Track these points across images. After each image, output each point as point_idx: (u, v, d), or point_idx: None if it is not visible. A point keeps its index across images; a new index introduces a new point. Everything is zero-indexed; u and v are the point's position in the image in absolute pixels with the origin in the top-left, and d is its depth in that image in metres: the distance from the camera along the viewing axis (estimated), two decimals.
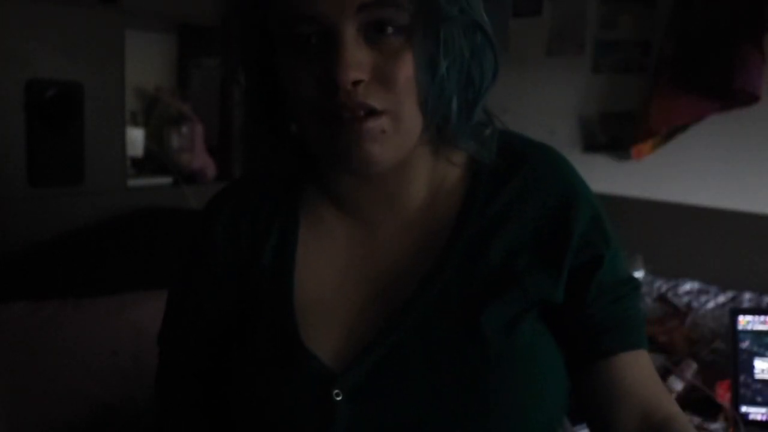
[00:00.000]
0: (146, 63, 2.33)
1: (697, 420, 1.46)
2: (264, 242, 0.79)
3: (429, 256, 0.74)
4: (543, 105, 2.92)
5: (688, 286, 2.45)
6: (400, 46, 0.66)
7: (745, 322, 1.51)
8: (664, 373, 1.54)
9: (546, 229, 0.73)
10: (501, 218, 0.74)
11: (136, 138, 2.23)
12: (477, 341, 0.70)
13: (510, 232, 0.73)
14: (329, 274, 0.76)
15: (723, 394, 1.50)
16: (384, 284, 0.75)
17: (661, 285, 2.44)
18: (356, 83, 0.64)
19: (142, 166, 2.26)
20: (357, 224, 0.77)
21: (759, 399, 1.46)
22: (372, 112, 0.66)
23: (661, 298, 2.24)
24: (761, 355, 1.48)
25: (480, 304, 0.71)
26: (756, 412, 1.46)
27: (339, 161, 0.70)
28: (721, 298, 2.34)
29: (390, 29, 0.65)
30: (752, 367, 1.48)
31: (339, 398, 0.70)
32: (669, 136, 2.68)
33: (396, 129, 0.67)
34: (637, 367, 0.74)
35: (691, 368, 1.60)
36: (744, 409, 1.47)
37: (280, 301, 0.75)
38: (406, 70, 0.66)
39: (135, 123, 2.29)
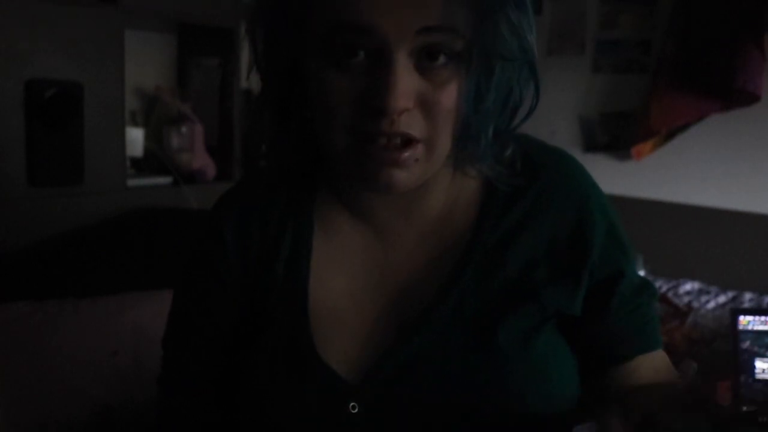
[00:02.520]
0: (146, 63, 2.33)
1: None
2: (277, 248, 0.77)
3: (445, 266, 0.73)
4: (543, 105, 2.91)
5: (688, 286, 2.45)
6: (448, 75, 0.64)
7: (745, 322, 1.51)
8: None
9: (563, 242, 0.73)
10: (517, 230, 0.73)
11: (135, 138, 2.22)
12: (493, 353, 0.69)
13: (526, 243, 0.73)
14: (343, 283, 0.75)
15: (724, 395, 1.50)
16: (399, 294, 0.74)
17: (662, 285, 2.44)
18: (401, 112, 0.63)
19: (141, 166, 2.26)
20: (372, 232, 0.76)
21: (760, 399, 1.46)
22: (409, 141, 0.64)
23: (662, 298, 2.24)
24: (762, 355, 1.48)
25: (496, 316, 0.70)
26: None
27: (364, 181, 0.68)
28: (722, 298, 2.34)
29: (442, 58, 0.63)
30: (753, 367, 1.48)
31: (355, 411, 0.69)
32: (669, 136, 2.68)
33: (428, 157, 0.66)
34: (647, 367, 0.75)
35: (692, 368, 1.59)
36: (745, 409, 1.46)
37: (295, 310, 0.74)
38: (450, 100, 0.64)
39: (135, 123, 2.29)
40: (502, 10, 0.64)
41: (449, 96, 0.64)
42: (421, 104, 0.64)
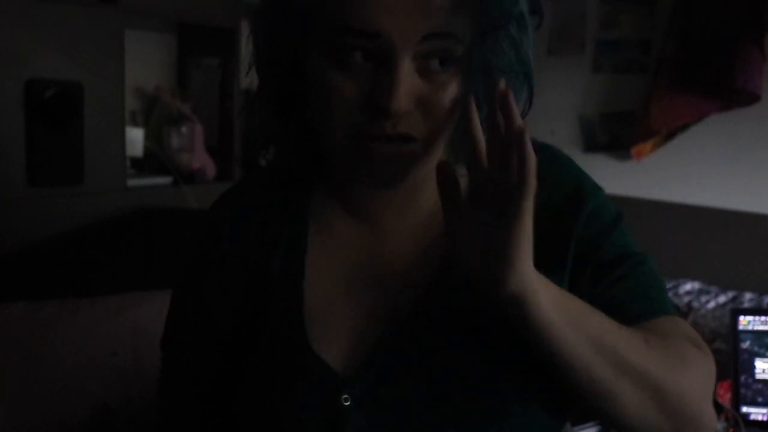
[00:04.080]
0: (146, 63, 2.33)
1: None
2: (273, 247, 0.78)
3: (436, 261, 0.74)
4: (543, 105, 2.91)
5: (688, 286, 2.45)
6: (447, 78, 0.66)
7: (745, 322, 1.52)
8: None
9: (550, 227, 0.72)
10: None
11: (135, 138, 2.22)
12: (484, 344, 0.69)
13: None
14: (338, 279, 0.76)
15: (724, 395, 1.50)
16: (392, 289, 0.74)
17: None
18: (403, 114, 0.64)
19: (141, 166, 2.26)
20: (366, 228, 0.77)
21: (760, 399, 1.46)
22: (408, 138, 0.66)
23: None
24: (762, 355, 1.48)
25: (487, 306, 0.70)
26: (757, 413, 1.46)
27: (361, 177, 0.70)
28: (722, 298, 2.34)
29: (442, 62, 0.65)
30: (753, 367, 1.48)
31: (348, 404, 0.69)
32: (669, 136, 2.68)
33: (425, 154, 0.68)
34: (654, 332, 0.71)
35: None
36: (745, 409, 1.47)
37: (290, 308, 0.75)
38: (449, 101, 0.66)
39: (135, 123, 2.29)
40: (504, 27, 0.66)
41: (448, 98, 0.66)
42: (421, 105, 0.65)
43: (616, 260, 0.73)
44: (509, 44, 0.67)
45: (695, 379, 0.70)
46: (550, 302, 0.62)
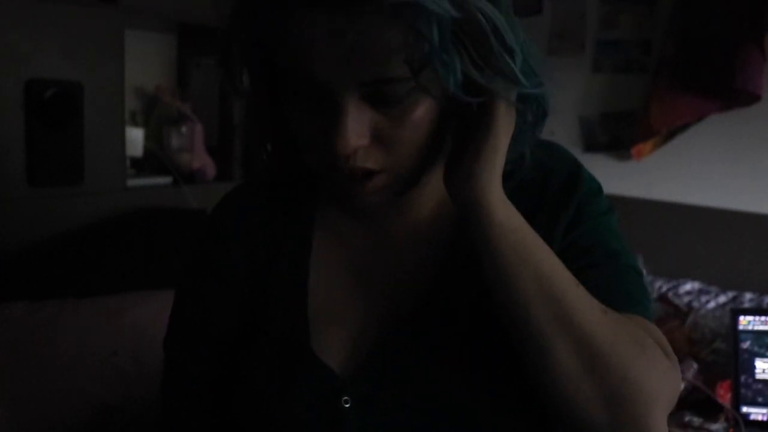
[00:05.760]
0: (146, 63, 2.33)
1: (697, 420, 1.46)
2: (276, 248, 0.78)
3: (436, 262, 0.74)
4: None
5: (688, 286, 2.45)
6: (407, 107, 0.62)
7: (745, 322, 1.52)
8: None
9: (546, 218, 0.72)
10: None
11: (135, 138, 2.22)
12: (483, 346, 0.69)
13: None
14: (340, 281, 0.76)
15: (724, 395, 1.50)
16: (393, 291, 0.74)
17: (662, 285, 2.44)
18: (354, 150, 0.62)
19: (141, 166, 2.26)
20: (368, 231, 0.77)
21: (760, 399, 1.47)
22: (370, 173, 0.65)
23: (662, 298, 2.24)
24: (762, 355, 1.49)
25: (485, 308, 0.70)
26: (757, 413, 1.46)
27: (340, 200, 0.72)
28: (722, 298, 2.34)
29: (395, 97, 0.61)
30: (753, 367, 1.49)
31: (348, 405, 0.70)
32: (669, 136, 2.68)
33: (395, 182, 0.66)
34: None
35: (692, 368, 1.60)
36: (745, 409, 1.47)
37: (294, 310, 0.75)
38: (412, 132, 0.63)
39: (135, 123, 2.29)
40: (430, 64, 0.58)
41: (410, 129, 0.63)
42: (379, 138, 0.63)
43: (587, 248, 0.71)
44: (446, 73, 0.58)
45: (649, 374, 0.62)
46: (505, 222, 0.63)
